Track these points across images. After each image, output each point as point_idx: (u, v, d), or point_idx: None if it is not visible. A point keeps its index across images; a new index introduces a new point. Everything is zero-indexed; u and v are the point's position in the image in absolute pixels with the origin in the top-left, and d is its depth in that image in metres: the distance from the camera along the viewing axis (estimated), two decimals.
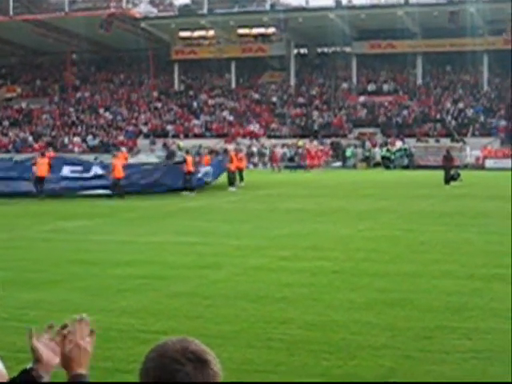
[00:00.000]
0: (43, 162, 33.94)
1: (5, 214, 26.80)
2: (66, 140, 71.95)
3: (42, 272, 14.45)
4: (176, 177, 35.36)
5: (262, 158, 63.56)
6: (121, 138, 70.66)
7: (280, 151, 61.04)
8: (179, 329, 9.84)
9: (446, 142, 59.30)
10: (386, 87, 72.33)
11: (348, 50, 75.80)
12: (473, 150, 58.83)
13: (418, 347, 9.19)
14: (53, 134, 73.85)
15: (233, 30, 74.74)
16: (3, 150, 68.19)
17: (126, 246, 18.13)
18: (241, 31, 75.51)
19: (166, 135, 69.90)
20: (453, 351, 8.97)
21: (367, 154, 62.64)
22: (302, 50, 79.96)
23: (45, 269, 14.80)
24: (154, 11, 78.65)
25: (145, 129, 72.40)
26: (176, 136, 68.99)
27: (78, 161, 39.23)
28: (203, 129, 71.17)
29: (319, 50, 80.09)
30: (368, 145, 63.53)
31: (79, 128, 74.37)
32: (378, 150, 62.34)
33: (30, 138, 72.98)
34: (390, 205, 28.24)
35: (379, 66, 74.43)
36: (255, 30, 75.38)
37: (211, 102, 74.84)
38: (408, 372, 8.30)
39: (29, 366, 2.67)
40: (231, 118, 71.71)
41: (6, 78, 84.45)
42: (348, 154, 62.53)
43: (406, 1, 68.45)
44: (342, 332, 9.89)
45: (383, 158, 60.31)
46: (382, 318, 10.58)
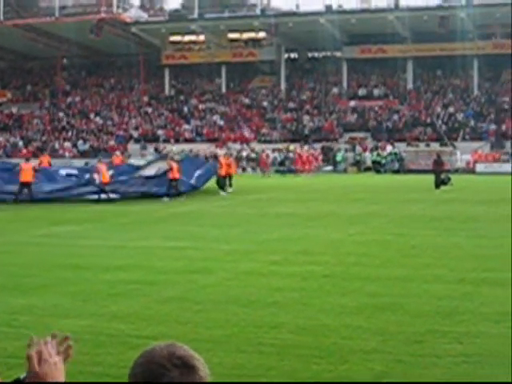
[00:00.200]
0: (28, 168, 34.00)
1: None
2: (57, 145, 71.79)
3: (32, 277, 14.41)
4: (163, 184, 35.55)
5: (251, 163, 63.54)
6: (111, 142, 70.53)
7: (270, 156, 61.03)
8: (170, 334, 9.83)
9: (436, 147, 59.49)
10: (376, 92, 72.42)
11: (338, 54, 75.89)
12: (463, 154, 58.88)
13: (409, 351, 9.19)
14: (43, 138, 73.69)
15: (223, 34, 74.75)
16: None
17: (117, 250, 18.11)
18: (231, 36, 75.50)
19: (156, 140, 69.85)
20: (444, 355, 8.98)
21: (358, 158, 62.73)
22: (293, 55, 79.98)
23: (36, 274, 14.76)
24: (144, 16, 78.67)
25: (135, 134, 72.31)
26: (167, 141, 68.94)
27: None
28: (194, 133, 71.13)
29: (310, 54, 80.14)
30: (359, 149, 63.61)
31: (70, 133, 74.21)
32: (368, 154, 62.47)
33: (21, 143, 72.85)
34: (380, 209, 28.28)
35: (369, 70, 74.54)
36: (246, 35, 75.36)
37: (202, 106, 74.81)
38: (399, 376, 8.30)
39: (22, 375, 2.67)
40: (222, 123, 71.69)
41: None
42: (338, 158, 62.55)
43: (397, 5, 68.66)
44: (333, 336, 9.89)
45: (374, 163, 60.44)
46: (372, 322, 10.59)
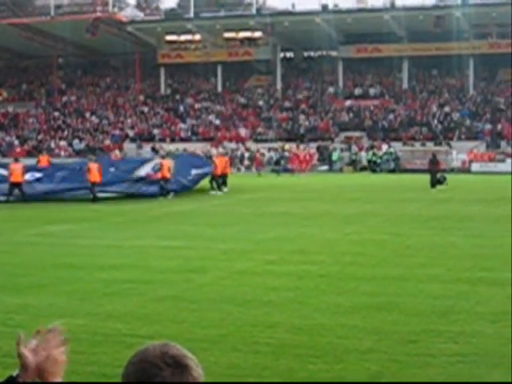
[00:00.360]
0: (17, 168, 33.96)
1: None
2: (53, 144, 71.69)
3: (28, 276, 14.39)
4: (151, 184, 35.56)
5: (246, 162, 63.51)
6: (107, 142, 70.48)
7: (266, 155, 60.98)
8: (165, 333, 9.82)
9: (432, 146, 59.53)
10: (372, 91, 72.42)
11: (334, 53, 75.88)
12: (459, 153, 58.95)
13: (405, 351, 9.19)
14: (39, 137, 73.61)
15: (219, 33, 74.66)
16: None
17: (112, 250, 18.09)
18: (227, 35, 75.37)
19: (152, 139, 69.78)
20: (439, 355, 8.98)
21: (353, 157, 62.69)
22: (289, 54, 79.94)
23: (31, 273, 14.74)
24: (140, 15, 78.66)
25: (131, 133, 72.22)
26: (162, 140, 68.88)
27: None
28: (189, 133, 71.09)
29: (305, 53, 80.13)
30: (354, 148, 63.59)
31: (65, 132, 74.12)
32: (364, 153, 62.47)
33: (16, 142, 72.76)
34: (376, 208, 28.29)
35: (365, 69, 74.56)
36: (241, 34, 75.24)
37: (197, 105, 74.75)
38: (394, 376, 8.30)
39: (15, 373, 2.66)
40: (217, 122, 71.66)
41: None
42: (334, 157, 62.54)
43: (392, 5, 68.67)
44: (329, 336, 9.89)
45: (369, 162, 60.45)
46: (368, 321, 10.59)
